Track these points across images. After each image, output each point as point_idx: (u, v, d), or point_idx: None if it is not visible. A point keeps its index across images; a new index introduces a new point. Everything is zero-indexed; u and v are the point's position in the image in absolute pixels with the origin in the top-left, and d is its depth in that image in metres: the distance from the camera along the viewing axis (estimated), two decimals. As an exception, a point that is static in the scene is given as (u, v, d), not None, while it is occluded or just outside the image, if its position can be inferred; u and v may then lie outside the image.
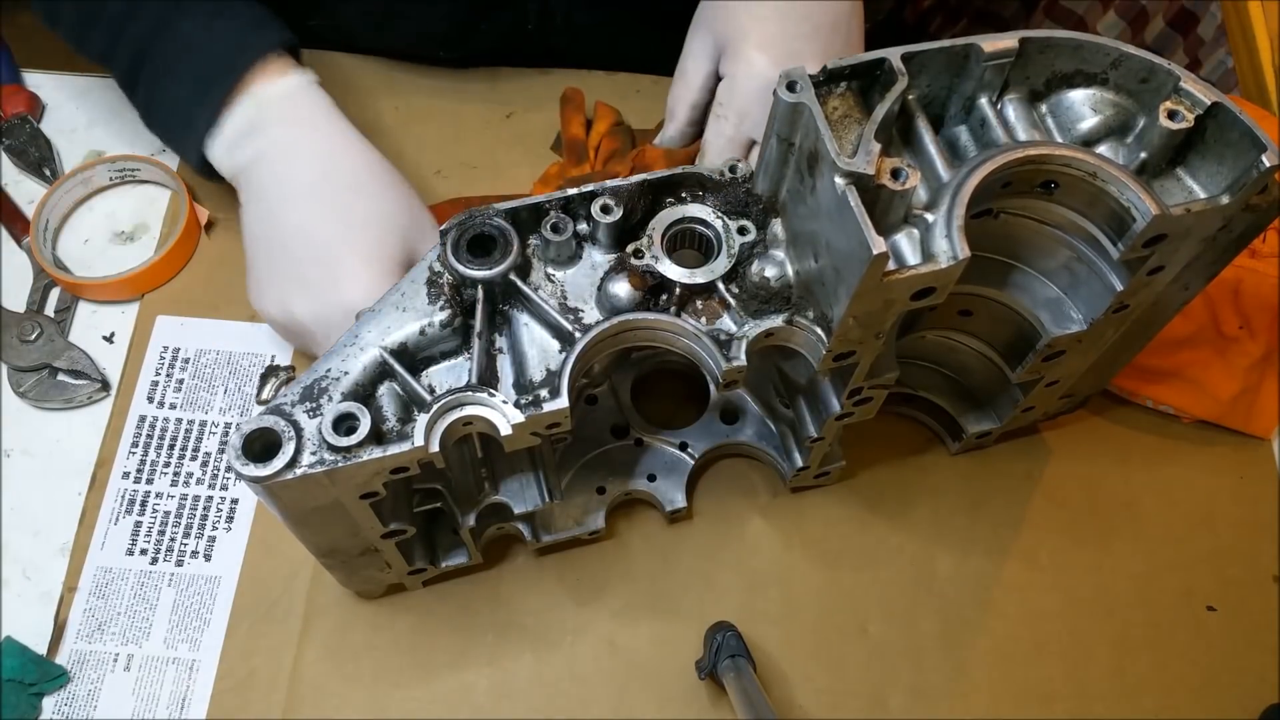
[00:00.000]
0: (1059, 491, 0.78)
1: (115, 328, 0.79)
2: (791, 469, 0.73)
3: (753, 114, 0.70)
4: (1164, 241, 0.53)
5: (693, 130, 0.77)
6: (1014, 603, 0.74)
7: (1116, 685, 0.72)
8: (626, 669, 0.70)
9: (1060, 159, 0.53)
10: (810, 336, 0.57)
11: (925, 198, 0.53)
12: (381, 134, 0.87)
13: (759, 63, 0.69)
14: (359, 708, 0.68)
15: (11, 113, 0.86)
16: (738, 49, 0.70)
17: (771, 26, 0.69)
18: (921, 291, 0.52)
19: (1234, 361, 0.78)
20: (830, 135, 0.49)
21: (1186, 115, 0.52)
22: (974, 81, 0.54)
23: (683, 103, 0.75)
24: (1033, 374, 0.66)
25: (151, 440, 0.75)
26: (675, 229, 0.59)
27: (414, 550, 0.67)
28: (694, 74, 0.74)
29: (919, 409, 0.77)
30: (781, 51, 0.69)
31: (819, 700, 0.70)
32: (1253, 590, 0.75)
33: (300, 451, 0.52)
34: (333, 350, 0.56)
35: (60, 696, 0.67)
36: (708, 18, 0.73)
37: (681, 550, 0.74)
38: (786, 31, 0.69)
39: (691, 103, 0.75)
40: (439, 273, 0.57)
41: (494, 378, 0.56)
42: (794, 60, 0.67)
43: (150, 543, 0.72)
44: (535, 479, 0.67)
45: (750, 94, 0.70)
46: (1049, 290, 0.62)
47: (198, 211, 0.82)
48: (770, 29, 0.69)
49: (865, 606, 0.73)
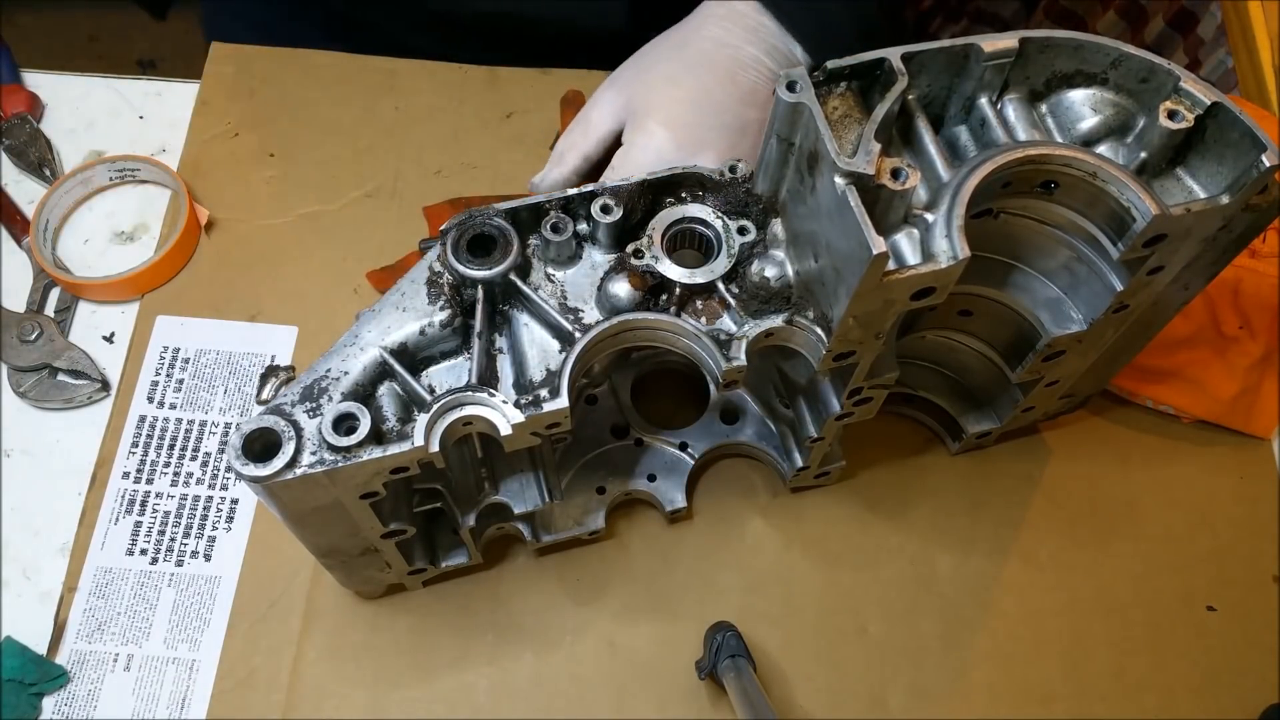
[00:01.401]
0: (1059, 491, 0.78)
1: (115, 328, 0.79)
2: (791, 469, 0.73)
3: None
4: (1164, 241, 0.53)
5: (576, 180, 0.75)
6: (1014, 603, 0.74)
7: (1116, 685, 0.72)
8: (626, 669, 0.70)
9: (1060, 159, 0.53)
10: (810, 336, 0.57)
11: (925, 198, 0.53)
12: (381, 134, 0.88)
13: (659, 136, 0.69)
14: (359, 708, 0.68)
15: (11, 113, 0.86)
16: (644, 119, 0.70)
17: (683, 110, 0.69)
18: (921, 291, 0.52)
19: (1234, 361, 0.78)
20: (830, 135, 0.49)
21: (1186, 115, 0.52)
22: (974, 81, 0.54)
23: (576, 151, 0.74)
24: (1033, 374, 0.66)
25: (151, 440, 0.75)
26: (675, 229, 0.59)
27: (414, 550, 0.67)
28: (597, 126, 0.73)
29: (919, 409, 0.77)
30: (685, 136, 0.69)
31: (819, 700, 0.70)
32: (1253, 590, 0.75)
33: (300, 451, 0.52)
34: (333, 350, 0.56)
35: (60, 696, 0.67)
36: (627, 78, 0.73)
37: (681, 550, 0.74)
38: (695, 119, 0.69)
39: (586, 154, 0.74)
40: (439, 273, 0.57)
41: (494, 378, 0.56)
42: (695, 146, 0.68)
43: (150, 543, 0.72)
44: (535, 479, 0.67)
45: (643, 165, 0.69)
46: (1049, 290, 0.62)
47: (198, 211, 0.82)
48: (681, 111, 0.69)
49: (865, 606, 0.73)
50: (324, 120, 0.88)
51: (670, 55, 0.72)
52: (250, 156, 0.86)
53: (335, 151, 0.87)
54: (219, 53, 0.90)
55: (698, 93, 0.70)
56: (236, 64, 0.90)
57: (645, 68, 0.73)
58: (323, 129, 0.88)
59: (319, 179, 0.86)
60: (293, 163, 0.86)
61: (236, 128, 0.87)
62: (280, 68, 0.90)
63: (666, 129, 0.69)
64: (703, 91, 0.70)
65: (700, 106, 0.70)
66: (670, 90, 0.70)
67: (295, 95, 0.89)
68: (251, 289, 0.81)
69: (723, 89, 0.70)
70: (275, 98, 0.89)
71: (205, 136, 0.86)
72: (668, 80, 0.71)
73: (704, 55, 0.71)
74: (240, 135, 0.87)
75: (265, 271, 0.81)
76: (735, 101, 0.70)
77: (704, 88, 0.70)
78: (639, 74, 0.73)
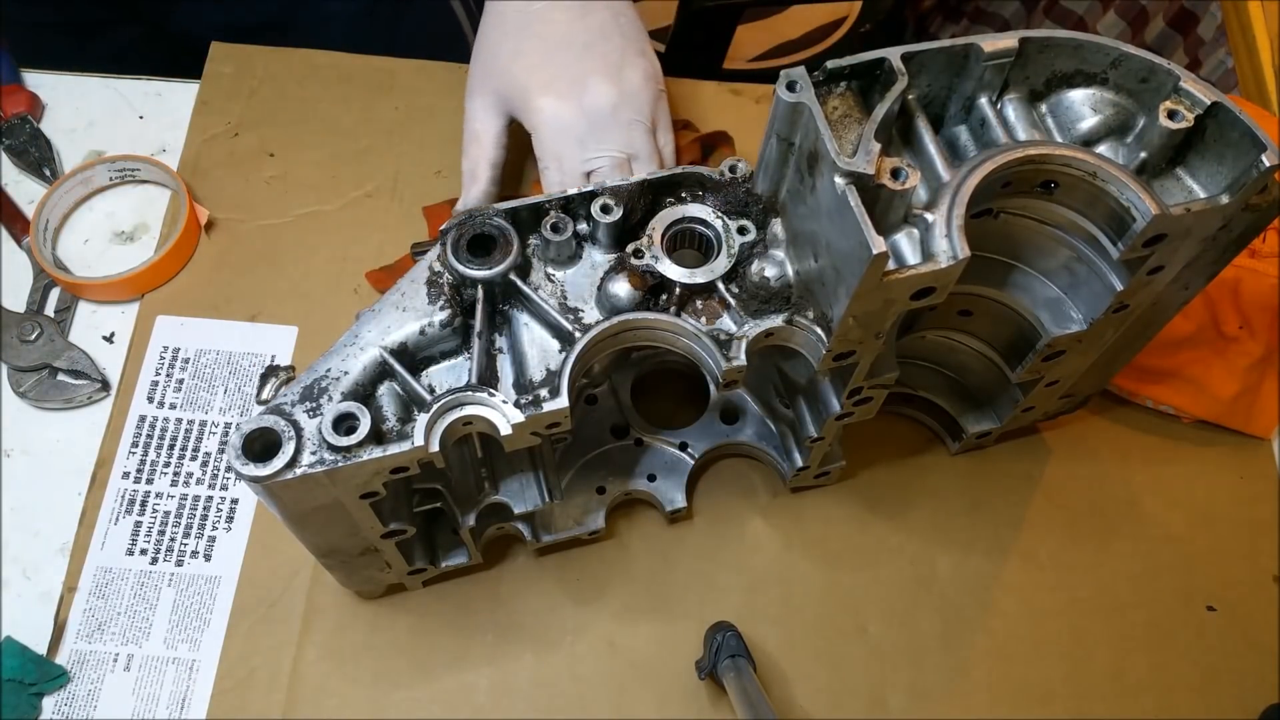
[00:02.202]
0: (1059, 491, 0.78)
1: (115, 328, 0.79)
2: (791, 469, 0.73)
3: (568, 153, 0.71)
4: (1164, 241, 0.53)
5: (495, 189, 0.76)
6: (1014, 603, 0.74)
7: (1116, 685, 0.72)
8: (626, 669, 0.70)
9: (1060, 159, 0.53)
10: (810, 336, 0.57)
11: (925, 198, 0.53)
12: (381, 134, 0.88)
13: (550, 107, 0.69)
14: (359, 708, 0.68)
15: (11, 113, 0.86)
16: (525, 102, 0.71)
17: (544, 70, 0.70)
18: (921, 291, 0.52)
19: (1234, 361, 0.78)
20: (830, 135, 0.49)
21: (1186, 115, 0.52)
22: (974, 81, 0.54)
23: (482, 163, 0.75)
24: (1033, 374, 0.66)
25: (151, 440, 0.75)
26: (675, 229, 0.59)
27: (414, 550, 0.67)
28: (485, 133, 0.74)
29: (919, 409, 0.77)
30: (566, 86, 0.69)
31: (819, 700, 0.70)
32: (1253, 590, 0.75)
33: (300, 451, 0.52)
34: (333, 350, 0.56)
35: (60, 696, 0.67)
36: (480, 77, 0.74)
37: (681, 550, 0.74)
38: (559, 66, 0.70)
39: (491, 161, 0.75)
40: (439, 273, 0.57)
41: (494, 378, 0.56)
42: (581, 86, 0.69)
43: (150, 543, 0.72)
44: (535, 479, 0.67)
45: (558, 137, 0.70)
46: (1049, 290, 0.62)
47: (198, 211, 0.82)
48: (544, 73, 0.70)
49: (865, 606, 0.73)
50: (324, 120, 0.88)
51: (502, 38, 0.73)
52: (250, 156, 0.86)
53: (335, 151, 0.87)
54: (219, 53, 0.90)
55: (543, 48, 0.70)
56: (236, 64, 0.90)
57: (490, 61, 0.73)
58: (323, 129, 0.88)
59: (319, 179, 0.86)
60: (293, 163, 0.86)
61: (236, 128, 0.87)
62: (280, 68, 0.90)
63: (547, 96, 0.69)
64: (546, 44, 0.70)
65: (552, 51, 0.70)
66: (523, 62, 0.71)
67: (295, 95, 0.89)
68: (251, 289, 0.81)
69: (559, 26, 0.70)
70: (275, 98, 0.89)
71: (205, 136, 0.86)
72: (514, 56, 0.71)
73: (524, 17, 0.71)
74: (240, 135, 0.87)
75: (265, 271, 0.81)
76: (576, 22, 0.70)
77: (544, 40, 0.70)
78: (489, 69, 0.73)
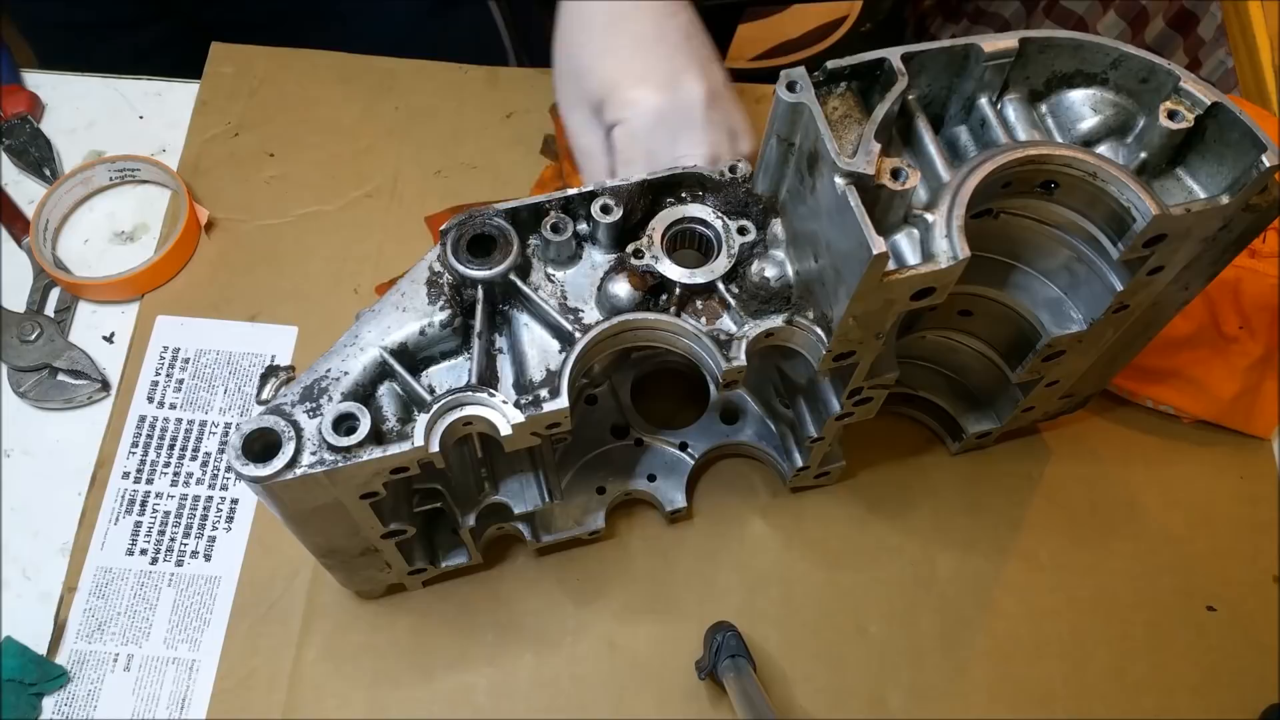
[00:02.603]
0: (1059, 491, 0.78)
1: (115, 328, 0.79)
2: (791, 469, 0.73)
3: (661, 148, 0.67)
4: (1164, 241, 0.53)
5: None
6: (1014, 603, 0.74)
7: (1116, 685, 0.72)
8: (626, 669, 0.70)
9: (1060, 159, 0.53)
10: (810, 336, 0.57)
11: (925, 198, 0.53)
12: (381, 134, 0.88)
13: (646, 99, 0.65)
14: (359, 708, 0.68)
15: (11, 113, 0.86)
16: (617, 95, 0.67)
17: (637, 63, 0.66)
18: (921, 291, 0.52)
19: (1234, 361, 0.78)
20: (830, 135, 0.49)
21: (1186, 115, 0.52)
22: (974, 81, 0.54)
23: (602, 176, 0.70)
24: (1033, 374, 0.66)
25: (151, 440, 0.75)
26: (675, 229, 0.59)
27: (414, 550, 0.67)
28: (593, 144, 0.70)
29: (919, 409, 0.77)
30: (662, 78, 0.66)
31: (819, 700, 0.70)
32: (1253, 590, 0.75)
33: (300, 451, 0.52)
34: (333, 350, 0.56)
35: (60, 696, 0.67)
36: (570, 83, 0.70)
37: (681, 550, 0.74)
38: (655, 59, 0.67)
39: (609, 171, 0.70)
40: (439, 273, 0.57)
41: (494, 378, 0.56)
42: (677, 80, 0.65)
43: (150, 543, 0.72)
44: (535, 479, 0.67)
45: (654, 131, 0.66)
46: (1049, 290, 0.62)
47: (198, 211, 0.82)
48: (638, 66, 0.66)
49: (865, 606, 0.73)
50: (324, 120, 0.88)
51: (588, 38, 0.69)
52: (250, 156, 0.86)
53: (335, 151, 0.87)
54: (219, 53, 0.90)
55: (634, 44, 0.67)
56: (236, 64, 0.90)
57: (576, 60, 0.70)
58: (323, 129, 0.88)
59: (319, 179, 0.86)
60: (293, 163, 0.86)
61: (236, 128, 0.87)
62: (280, 68, 0.90)
63: (640, 88, 0.66)
64: (637, 40, 0.67)
65: (640, 45, 0.67)
66: (613, 58, 0.67)
67: (295, 95, 0.89)
68: (251, 289, 0.81)
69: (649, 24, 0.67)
70: (275, 98, 0.89)
71: (205, 136, 0.86)
72: (602, 52, 0.68)
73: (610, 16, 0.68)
74: (240, 135, 0.87)
75: (265, 271, 0.81)
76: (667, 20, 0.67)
77: (635, 36, 0.67)
78: (577, 69, 0.70)
